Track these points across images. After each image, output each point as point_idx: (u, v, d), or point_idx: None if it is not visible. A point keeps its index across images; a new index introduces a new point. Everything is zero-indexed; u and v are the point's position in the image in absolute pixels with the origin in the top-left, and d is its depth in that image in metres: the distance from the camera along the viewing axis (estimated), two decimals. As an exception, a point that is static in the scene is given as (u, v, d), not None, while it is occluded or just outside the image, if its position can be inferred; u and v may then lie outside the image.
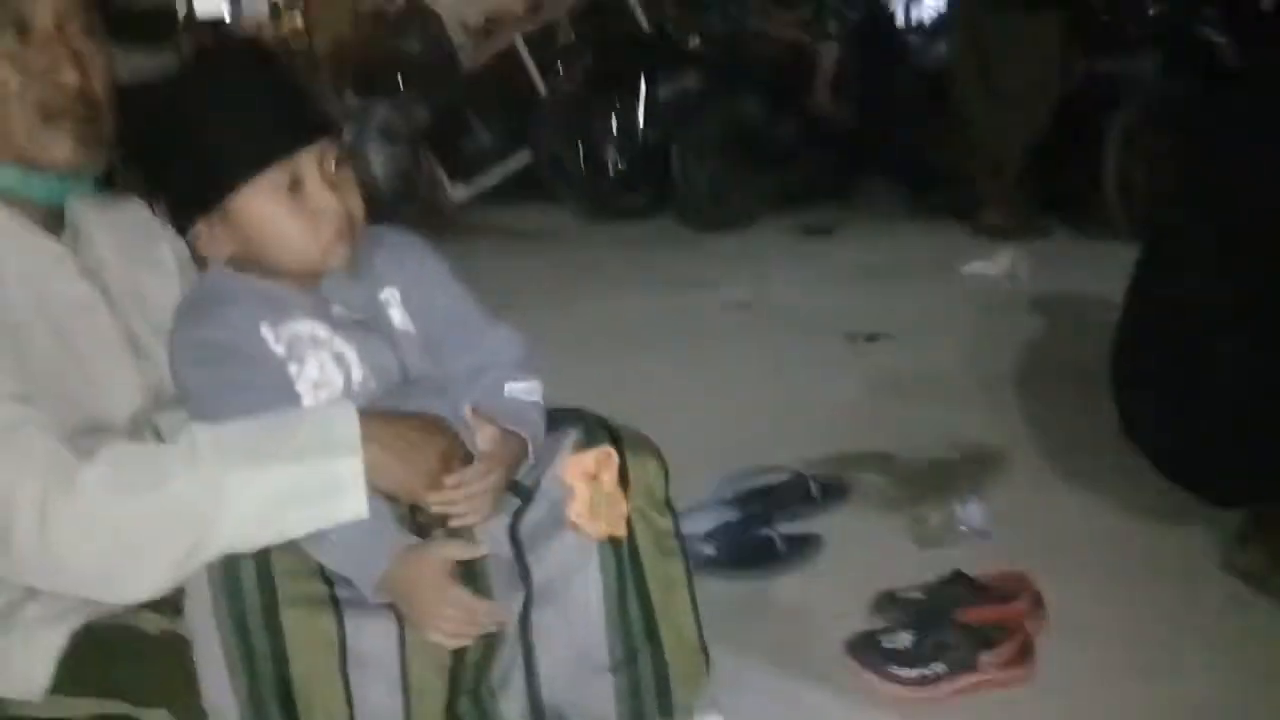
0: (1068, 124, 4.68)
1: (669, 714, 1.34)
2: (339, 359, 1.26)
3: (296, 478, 1.14)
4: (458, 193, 6.30)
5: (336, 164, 1.24)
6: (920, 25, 7.20)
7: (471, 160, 6.38)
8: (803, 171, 5.45)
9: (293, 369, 1.24)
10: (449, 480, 1.20)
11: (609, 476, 1.30)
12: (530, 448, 1.28)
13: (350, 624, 1.17)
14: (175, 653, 1.18)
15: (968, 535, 2.07)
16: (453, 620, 1.19)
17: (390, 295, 1.31)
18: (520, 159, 6.22)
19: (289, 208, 1.21)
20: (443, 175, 6.29)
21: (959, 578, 1.83)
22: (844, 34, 5.48)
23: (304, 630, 1.16)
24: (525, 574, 1.29)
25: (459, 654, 1.22)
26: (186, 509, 1.11)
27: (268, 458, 1.14)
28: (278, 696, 1.16)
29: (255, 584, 1.15)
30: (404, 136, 6.12)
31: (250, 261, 1.26)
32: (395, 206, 5.99)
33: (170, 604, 1.20)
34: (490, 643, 1.26)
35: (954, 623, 1.69)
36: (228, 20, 11.26)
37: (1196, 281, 1.94)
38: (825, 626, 1.80)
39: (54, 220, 1.28)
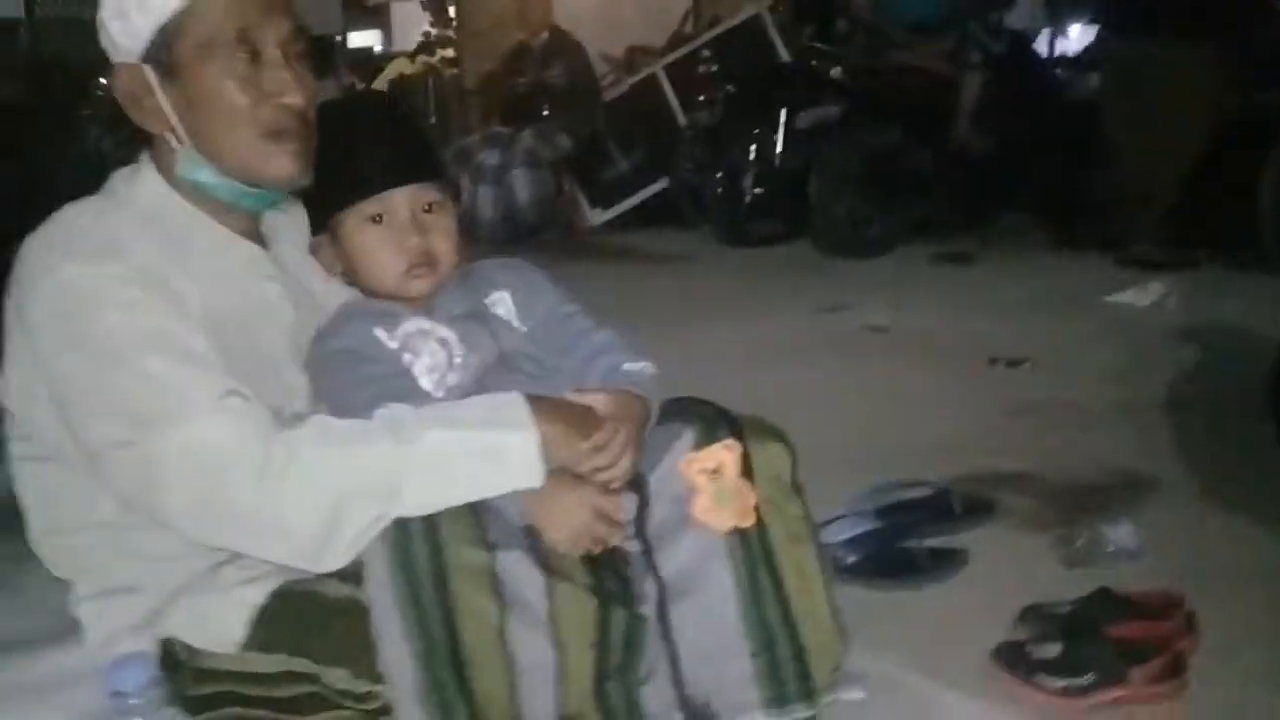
0: (1222, 155, 4.56)
1: (810, 695, 1.36)
2: (442, 343, 1.37)
3: (482, 442, 1.22)
4: (597, 217, 6.45)
5: (432, 206, 1.39)
6: (1065, 57, 7.10)
7: (611, 186, 6.54)
8: (942, 200, 5.42)
9: (407, 359, 1.36)
10: (585, 445, 1.27)
11: (731, 469, 1.33)
12: (652, 408, 1.35)
13: (508, 582, 1.24)
14: (356, 618, 1.25)
15: (1116, 556, 2.04)
16: (584, 521, 1.27)
17: (499, 297, 1.45)
18: (658, 185, 6.35)
19: (376, 238, 1.37)
20: (583, 200, 6.46)
21: (1108, 595, 1.81)
22: (987, 65, 5.43)
23: (470, 598, 1.23)
24: (656, 572, 1.34)
25: (602, 626, 1.28)
26: (387, 464, 1.19)
27: (456, 423, 1.23)
28: (449, 660, 1.23)
29: (426, 556, 1.22)
30: (546, 163, 6.31)
31: (355, 280, 1.42)
32: (535, 228, 6.20)
33: (352, 573, 1.28)
34: (634, 629, 1.30)
35: (1104, 636, 1.67)
36: (378, 50, 11.76)
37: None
38: (968, 636, 1.80)
39: (250, 224, 1.39)
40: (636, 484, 1.32)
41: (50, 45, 5.26)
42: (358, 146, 1.39)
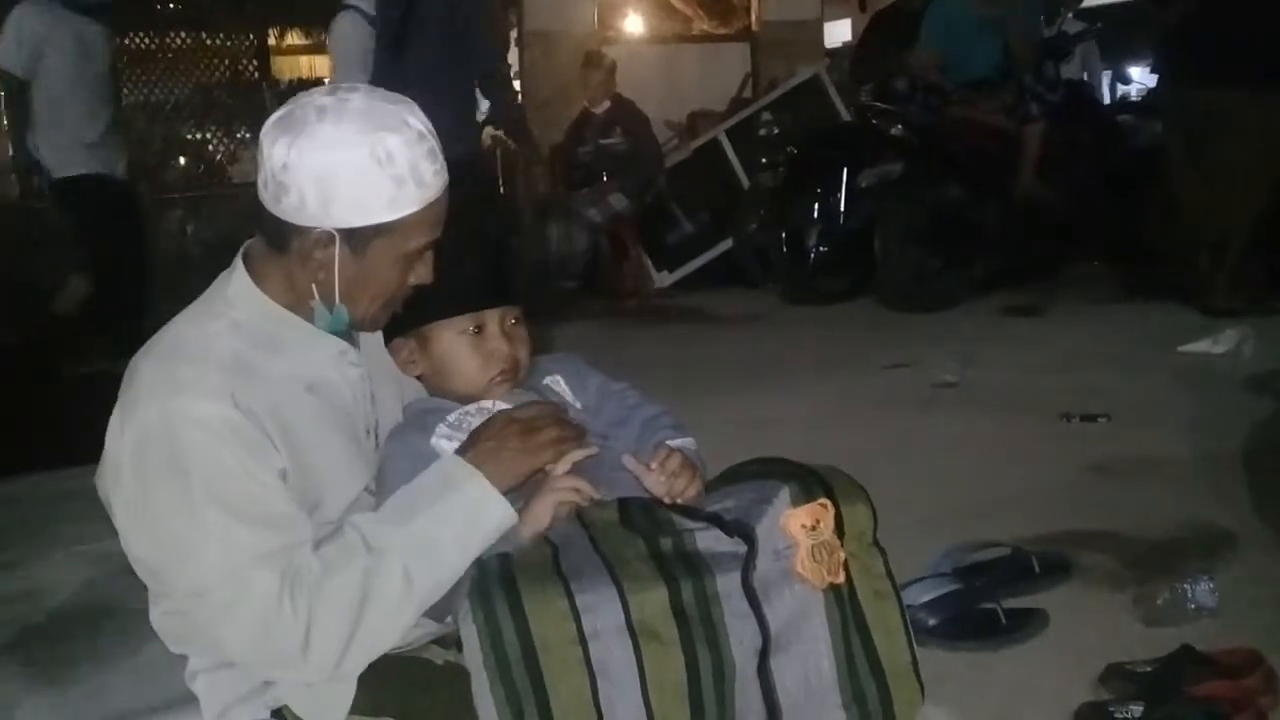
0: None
1: None
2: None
3: (439, 517, 1.35)
4: (663, 279, 6.55)
5: (515, 320, 1.54)
6: (1128, 102, 7.09)
7: (677, 249, 6.64)
8: (1008, 253, 5.43)
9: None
10: (529, 457, 1.40)
11: (826, 526, 1.40)
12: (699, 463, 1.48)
13: (596, 658, 1.31)
14: (460, 682, 1.32)
15: (1196, 614, 2.04)
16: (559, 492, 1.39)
17: (553, 380, 1.58)
18: (722, 246, 6.44)
19: (470, 347, 1.52)
20: (649, 263, 6.57)
21: (1189, 653, 1.82)
22: (1047, 115, 5.46)
23: (561, 675, 1.29)
24: (764, 623, 1.39)
25: (695, 685, 1.33)
26: (363, 578, 1.32)
27: (410, 514, 1.36)
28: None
29: (515, 635, 1.29)
30: (590, 223, 6.46)
31: (432, 381, 1.55)
32: (598, 292, 6.34)
33: (455, 639, 1.35)
34: (720, 675, 1.35)
35: (1185, 696, 1.68)
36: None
37: None
38: (1050, 697, 1.82)
39: None
40: (745, 533, 1.38)
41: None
42: (460, 264, 1.52)
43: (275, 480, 1.33)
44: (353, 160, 1.33)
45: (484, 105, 4.46)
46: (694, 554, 1.39)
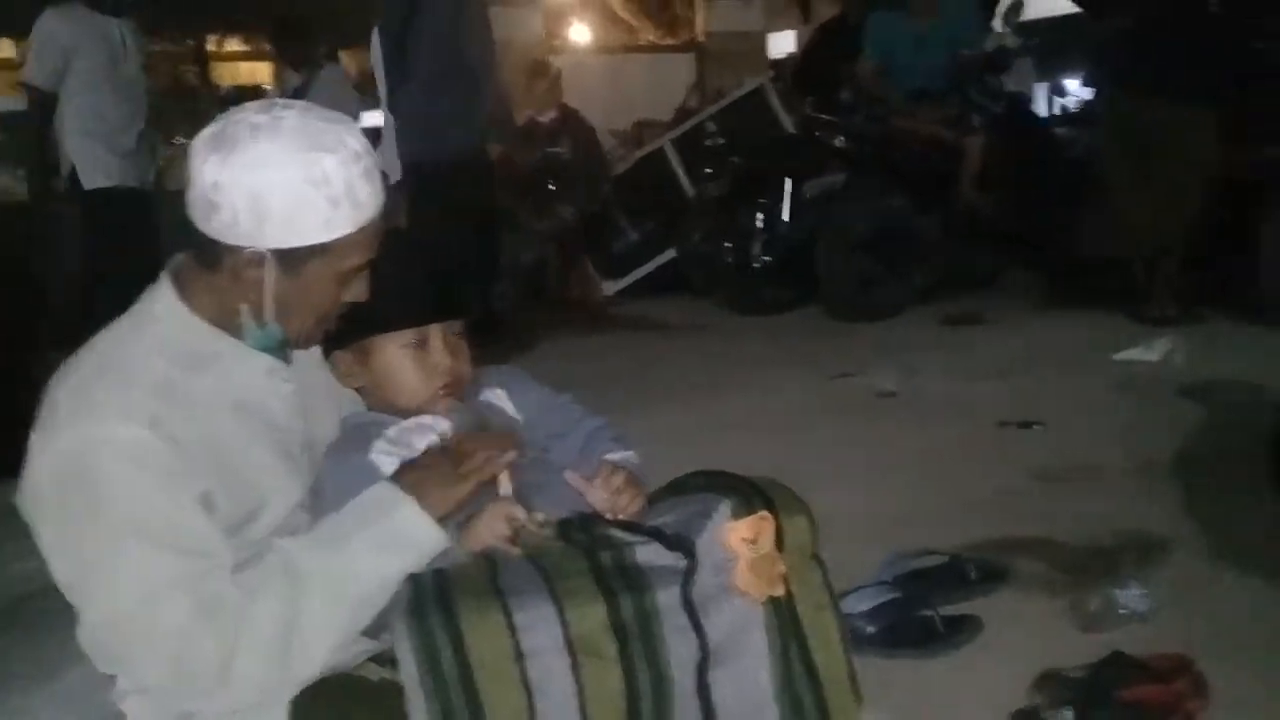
0: (1224, 211, 4.65)
1: None
2: (442, 435, 1.48)
3: (369, 542, 1.34)
4: (609, 288, 6.56)
5: (457, 334, 1.55)
6: (1066, 114, 7.21)
7: (622, 257, 6.65)
8: (949, 263, 5.50)
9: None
10: (460, 482, 1.39)
11: (766, 540, 1.41)
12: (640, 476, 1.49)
13: (533, 676, 1.30)
14: (394, 699, 1.31)
15: (1128, 619, 2.08)
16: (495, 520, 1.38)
17: (493, 394, 1.59)
18: (667, 255, 6.46)
19: (412, 361, 1.52)
20: (594, 273, 6.57)
21: (1120, 658, 1.85)
22: (988, 127, 5.54)
23: (497, 694, 1.29)
24: (703, 638, 1.39)
25: (633, 702, 1.33)
26: (286, 605, 1.31)
27: (340, 540, 1.36)
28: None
29: (450, 653, 1.28)
30: (557, 238, 6.45)
31: (372, 394, 1.55)
32: (545, 301, 6.33)
33: (389, 657, 1.34)
34: (661, 694, 1.36)
35: (1116, 701, 1.71)
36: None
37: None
38: (985, 704, 1.85)
39: None
40: (685, 548, 1.39)
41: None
42: (402, 280, 1.52)
43: (193, 505, 1.31)
44: (287, 180, 1.31)
45: None
46: (634, 568, 1.40)
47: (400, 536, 1.35)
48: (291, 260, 1.35)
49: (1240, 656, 1.92)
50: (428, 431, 1.50)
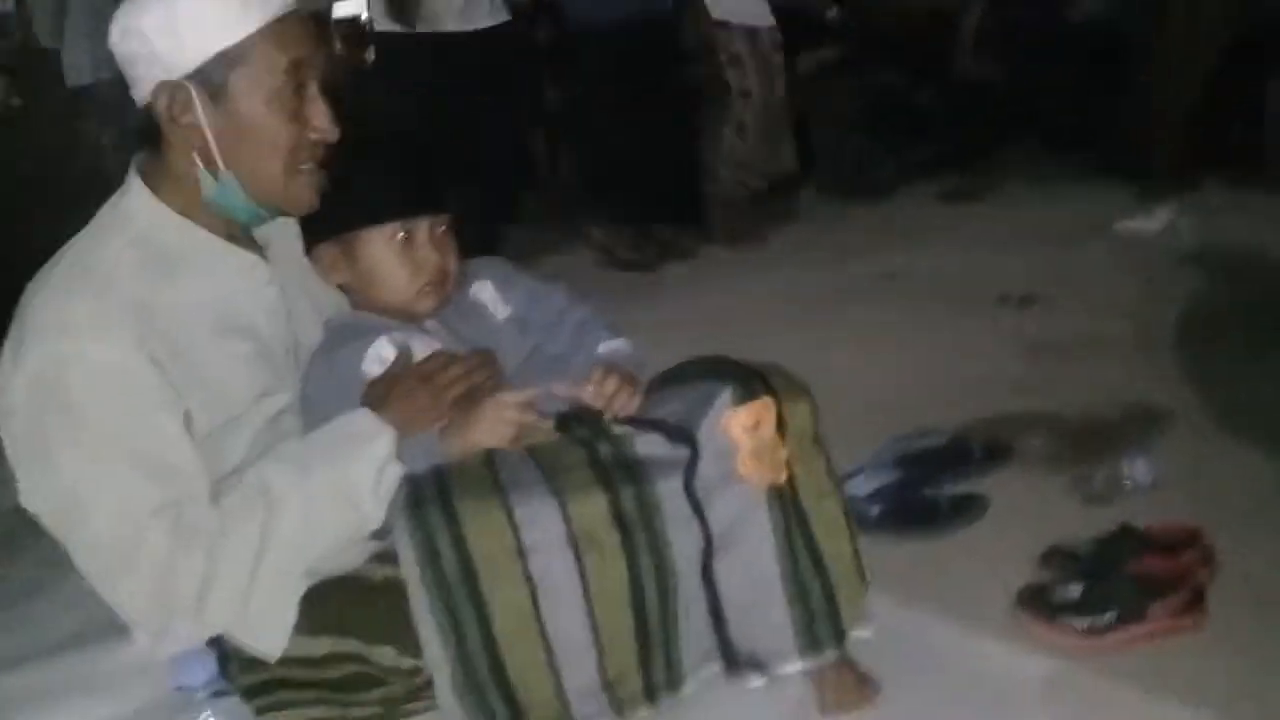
0: (1227, 75, 4.52)
1: (840, 638, 1.43)
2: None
3: (346, 472, 1.33)
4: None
5: (444, 229, 1.51)
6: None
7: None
8: (947, 137, 5.38)
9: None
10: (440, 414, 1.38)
11: (768, 426, 1.39)
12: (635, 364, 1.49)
13: (536, 570, 1.29)
14: (399, 596, 1.31)
15: (1134, 491, 2.07)
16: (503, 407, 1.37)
17: (481, 287, 1.56)
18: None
19: (398, 255, 1.48)
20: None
21: (1127, 531, 1.85)
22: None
23: (499, 589, 1.28)
24: (706, 526, 1.38)
25: (638, 592, 1.32)
26: (262, 531, 1.30)
27: (316, 466, 1.33)
28: (484, 651, 1.28)
29: (451, 550, 1.27)
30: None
31: (357, 291, 1.51)
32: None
33: (393, 554, 1.33)
34: (665, 582, 1.35)
35: (1123, 574, 1.71)
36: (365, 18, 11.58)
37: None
38: (992, 581, 1.84)
39: (241, 232, 1.44)
40: (687, 438, 1.36)
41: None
42: (389, 173, 1.48)
43: (176, 428, 1.28)
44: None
45: None
46: (634, 460, 1.38)
47: (378, 468, 1.33)
48: (213, 84, 1.29)
49: (1248, 527, 1.91)
50: (417, 346, 1.46)
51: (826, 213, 5.17)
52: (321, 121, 1.35)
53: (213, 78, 1.29)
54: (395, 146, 1.54)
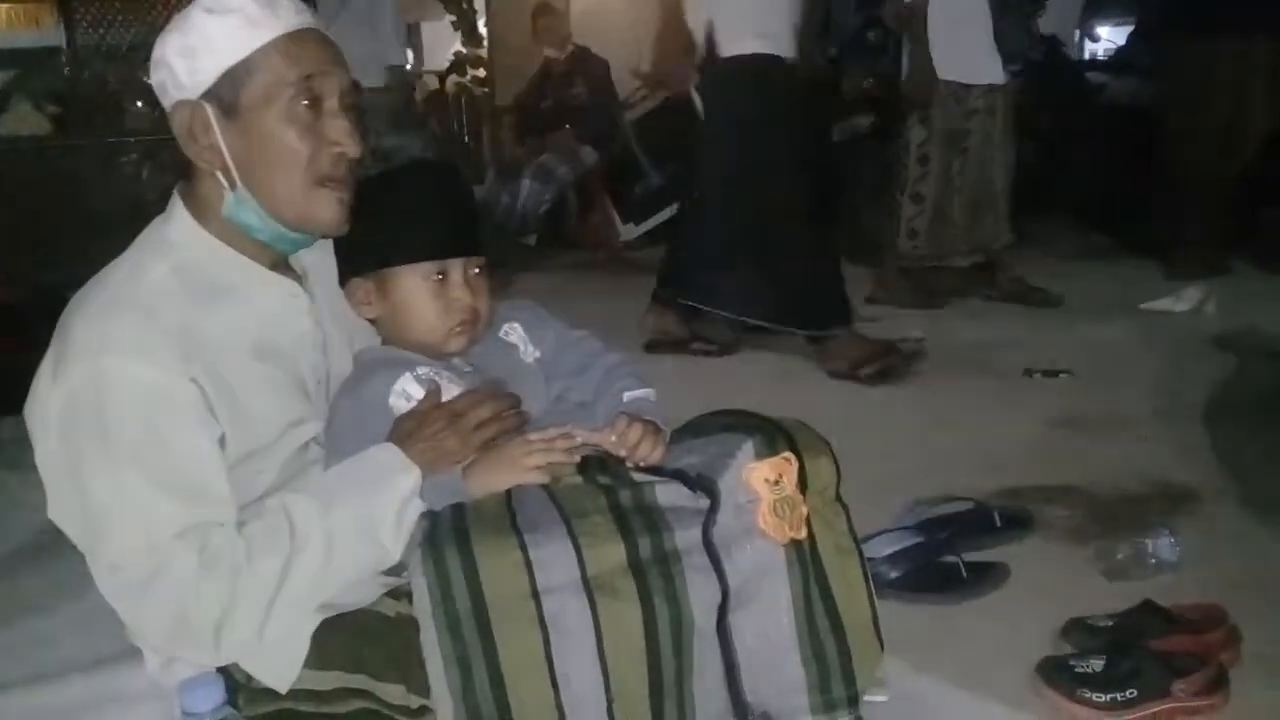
0: (1254, 160, 4.54)
1: (855, 701, 1.40)
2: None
3: (371, 508, 1.32)
4: (629, 232, 6.48)
5: (478, 271, 1.51)
6: (1097, 60, 7.07)
7: (643, 201, 6.57)
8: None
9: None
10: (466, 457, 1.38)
11: (789, 481, 1.37)
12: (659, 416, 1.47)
13: (549, 614, 1.27)
14: (410, 633, 1.29)
15: (1157, 568, 2.04)
16: (531, 446, 1.36)
17: (511, 328, 1.56)
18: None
19: (432, 293, 1.48)
20: (615, 215, 6.50)
21: (1151, 608, 1.82)
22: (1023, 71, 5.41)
23: (512, 631, 1.26)
24: (723, 579, 1.36)
25: (652, 642, 1.31)
26: (284, 564, 1.29)
27: (342, 500, 1.33)
28: (492, 695, 1.26)
29: (465, 590, 1.26)
30: (559, 178, 6.37)
31: (388, 326, 1.51)
32: (564, 244, 6.26)
33: (406, 591, 1.32)
34: (679, 634, 1.33)
35: (1147, 650, 1.68)
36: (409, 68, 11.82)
37: None
38: (1011, 651, 1.81)
39: (282, 259, 1.45)
40: (708, 489, 1.36)
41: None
42: (430, 211, 1.49)
43: (210, 450, 1.28)
44: (195, 17, 1.31)
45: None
46: (654, 508, 1.37)
47: (402, 505, 1.33)
48: (225, 100, 1.31)
49: (1270, 609, 1.88)
50: (453, 384, 1.46)
51: (856, 275, 5.17)
52: (339, 136, 1.35)
53: (225, 95, 1.31)
54: (435, 184, 1.54)
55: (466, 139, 8.10)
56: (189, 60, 1.31)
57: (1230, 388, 3.13)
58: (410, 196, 1.50)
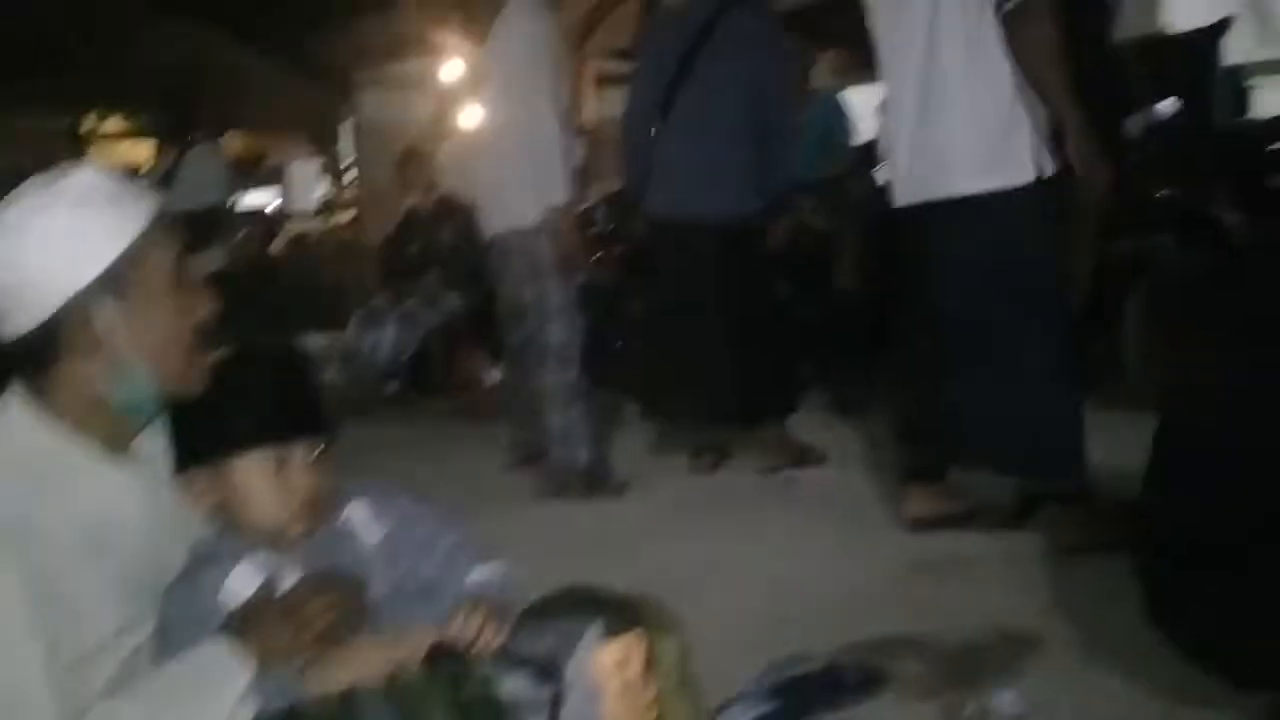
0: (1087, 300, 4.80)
1: None
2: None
3: (204, 707, 1.29)
4: (493, 376, 6.48)
5: (320, 453, 1.49)
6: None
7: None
8: (831, 350, 5.57)
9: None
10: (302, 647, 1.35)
11: (636, 664, 1.39)
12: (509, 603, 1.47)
13: None
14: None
15: (1001, 723, 2.09)
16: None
17: (355, 508, 1.53)
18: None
19: (270, 482, 1.45)
20: (480, 360, 6.49)
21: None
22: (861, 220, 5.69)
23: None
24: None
25: None
26: None
27: (175, 699, 1.29)
28: None
29: None
30: (433, 326, 6.37)
31: (225, 514, 1.48)
32: (426, 390, 6.23)
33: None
34: None
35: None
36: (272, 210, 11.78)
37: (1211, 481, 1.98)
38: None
39: (124, 444, 1.43)
40: (551, 674, 1.35)
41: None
42: (265, 396, 1.47)
43: (39, 659, 1.24)
44: (60, 215, 1.30)
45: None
46: (497, 703, 1.36)
47: (237, 704, 1.29)
48: (115, 284, 1.33)
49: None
50: (285, 570, 1.44)
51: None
52: (200, 301, 1.41)
53: (116, 280, 1.32)
54: (272, 366, 1.52)
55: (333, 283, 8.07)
56: (54, 269, 1.30)
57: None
58: (244, 384, 1.47)
